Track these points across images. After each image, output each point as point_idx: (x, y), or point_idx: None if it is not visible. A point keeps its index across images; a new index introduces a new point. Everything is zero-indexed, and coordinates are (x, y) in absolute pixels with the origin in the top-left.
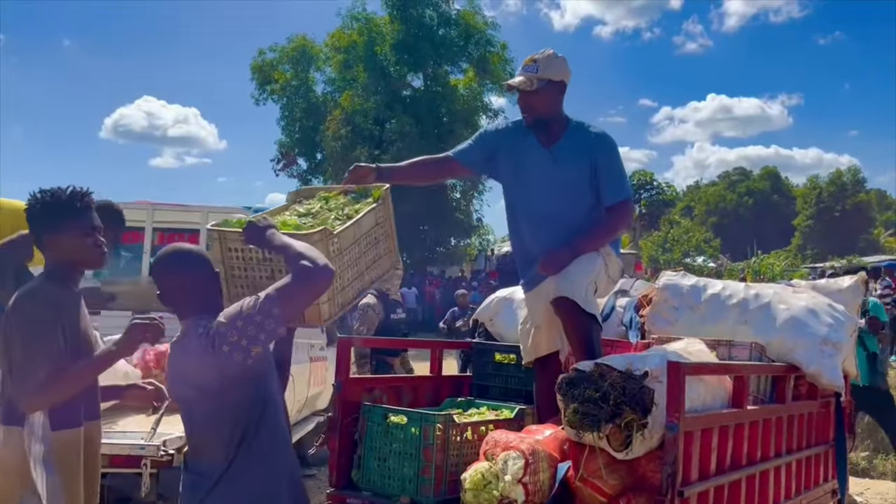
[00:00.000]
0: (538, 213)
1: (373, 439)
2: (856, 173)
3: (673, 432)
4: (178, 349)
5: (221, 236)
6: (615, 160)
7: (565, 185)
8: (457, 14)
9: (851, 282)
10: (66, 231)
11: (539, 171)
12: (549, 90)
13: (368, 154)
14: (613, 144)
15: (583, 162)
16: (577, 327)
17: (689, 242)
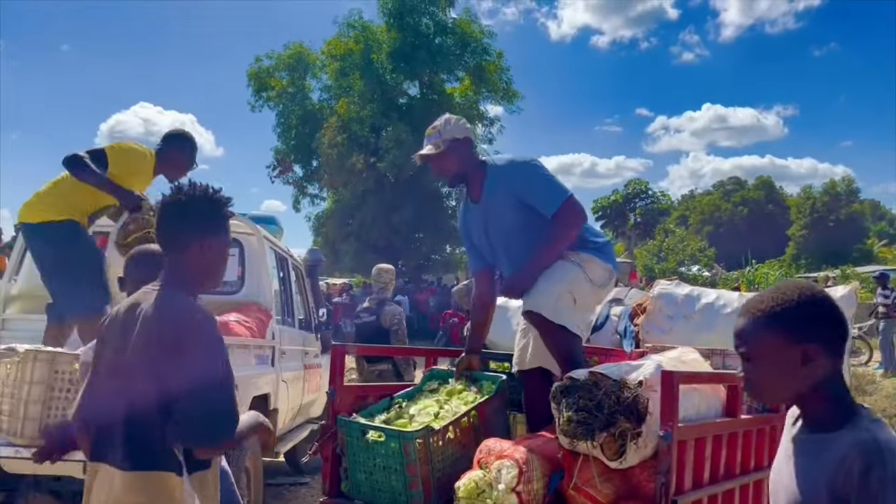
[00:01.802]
0: (505, 255)
1: (355, 453)
2: (850, 183)
3: (667, 441)
4: None
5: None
6: (532, 177)
7: (506, 224)
8: (453, 23)
9: (845, 292)
10: (223, 238)
11: (486, 225)
12: (455, 148)
13: (364, 162)
14: (523, 165)
15: (506, 198)
16: (552, 339)
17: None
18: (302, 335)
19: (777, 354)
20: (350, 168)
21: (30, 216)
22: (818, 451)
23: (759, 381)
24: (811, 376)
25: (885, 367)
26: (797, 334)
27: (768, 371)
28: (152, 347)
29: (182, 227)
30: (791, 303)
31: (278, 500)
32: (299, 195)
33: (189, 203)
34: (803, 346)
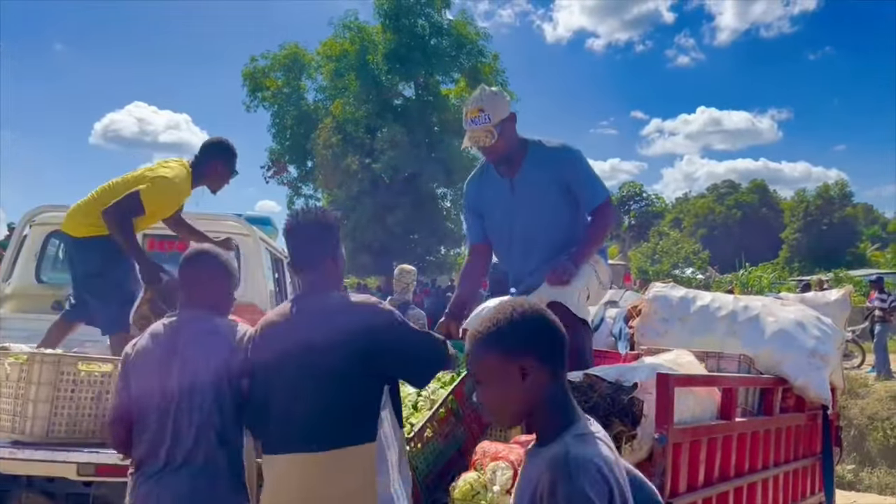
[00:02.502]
0: (523, 240)
1: None
2: (843, 187)
3: (662, 444)
4: None
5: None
6: (583, 168)
7: (540, 207)
8: (449, 24)
9: (839, 295)
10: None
11: (513, 203)
12: (505, 130)
13: (359, 163)
14: (576, 154)
15: (550, 181)
16: (571, 332)
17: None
18: None
19: (499, 373)
20: (345, 169)
21: (74, 229)
22: (529, 467)
23: (490, 403)
24: (534, 391)
25: (878, 371)
26: (512, 351)
27: (495, 391)
28: (359, 337)
29: (316, 248)
30: (504, 322)
31: None
32: (294, 196)
33: (313, 227)
34: (520, 362)
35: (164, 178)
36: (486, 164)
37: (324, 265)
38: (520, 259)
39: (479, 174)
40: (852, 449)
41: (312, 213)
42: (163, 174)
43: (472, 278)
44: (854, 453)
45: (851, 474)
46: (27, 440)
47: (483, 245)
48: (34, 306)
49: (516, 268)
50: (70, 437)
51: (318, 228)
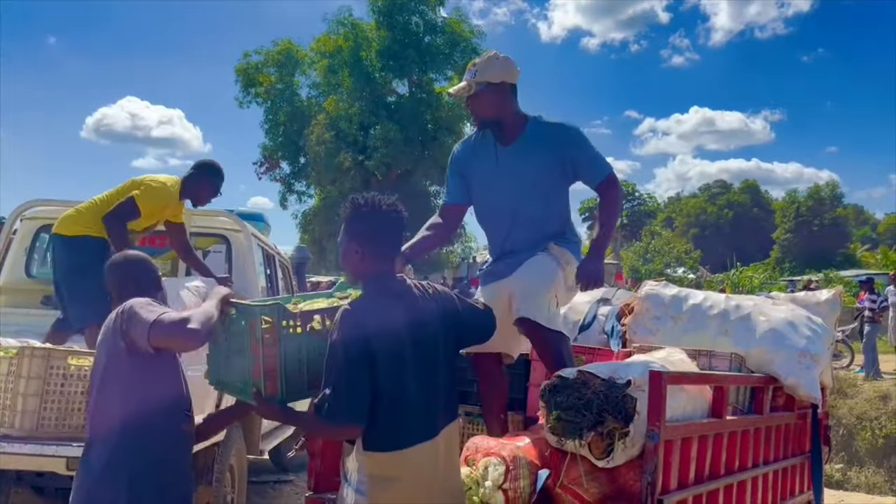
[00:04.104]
0: (510, 211)
1: (217, 335)
2: (834, 188)
3: (654, 441)
4: None
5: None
6: (586, 143)
7: (532, 180)
8: (443, 22)
9: (829, 295)
10: None
11: (503, 171)
12: (488, 92)
13: (352, 160)
14: (577, 130)
15: (548, 157)
16: (548, 344)
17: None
18: None
19: None
20: (338, 166)
21: (66, 229)
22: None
23: None
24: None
25: (867, 371)
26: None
27: None
28: (455, 318)
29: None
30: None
31: (262, 497)
32: (286, 192)
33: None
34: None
35: (155, 181)
36: (483, 132)
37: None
38: (501, 227)
39: (473, 138)
40: (841, 448)
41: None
42: (155, 178)
43: (438, 232)
44: (842, 453)
45: (840, 473)
46: (16, 434)
47: (457, 207)
48: (24, 301)
49: (496, 235)
50: (59, 432)
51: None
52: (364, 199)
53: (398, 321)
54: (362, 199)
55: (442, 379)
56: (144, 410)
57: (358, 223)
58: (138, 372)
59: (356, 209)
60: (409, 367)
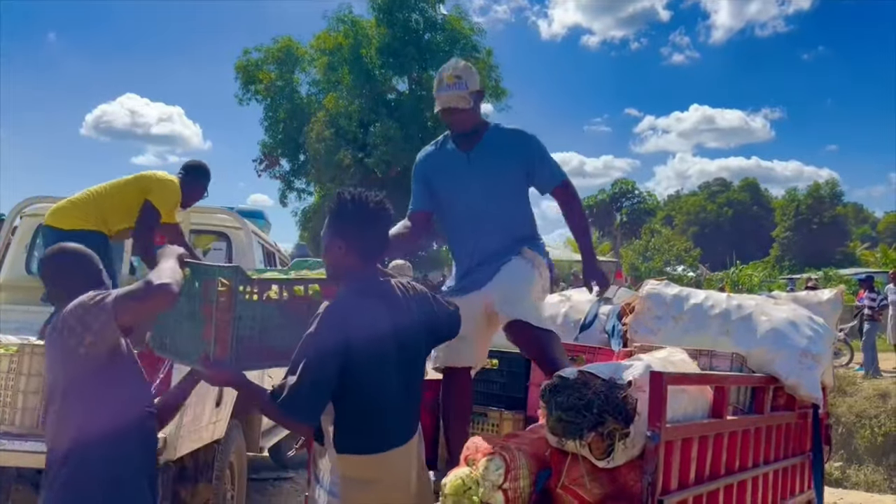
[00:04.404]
0: (477, 217)
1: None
2: (834, 187)
3: (654, 441)
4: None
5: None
6: (542, 149)
7: (499, 185)
8: (443, 19)
9: (831, 295)
10: None
11: (471, 176)
12: (477, 101)
13: (352, 157)
14: (534, 137)
15: (512, 161)
16: (542, 343)
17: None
18: None
19: None
20: (337, 163)
21: (61, 222)
22: None
23: None
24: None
25: (866, 369)
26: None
27: None
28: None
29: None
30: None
31: (262, 494)
32: (286, 189)
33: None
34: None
35: (166, 180)
36: (444, 138)
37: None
38: (468, 235)
39: (435, 146)
40: (840, 446)
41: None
42: (163, 177)
43: (406, 238)
44: (841, 451)
45: (839, 472)
46: (16, 431)
47: (424, 213)
48: (24, 298)
49: (463, 244)
50: None
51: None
52: (351, 194)
53: (380, 321)
54: (349, 194)
55: (418, 380)
56: (112, 419)
57: (344, 219)
58: (100, 377)
59: (343, 204)
60: (389, 368)
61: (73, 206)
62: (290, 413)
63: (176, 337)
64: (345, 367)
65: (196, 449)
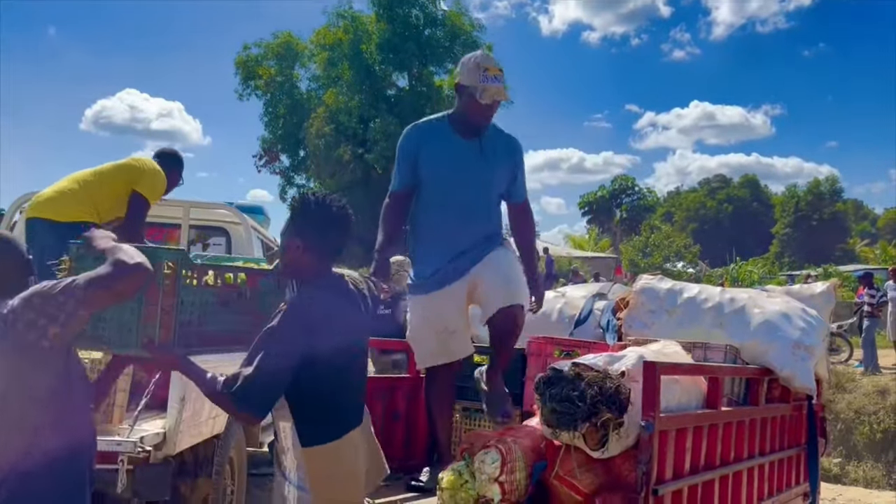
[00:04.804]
0: (468, 206)
1: None
2: (834, 183)
3: (648, 431)
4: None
5: None
6: (523, 162)
7: (491, 179)
8: (443, 15)
9: (824, 287)
10: None
11: (475, 166)
12: None
13: (352, 153)
14: (521, 147)
15: (504, 161)
16: (517, 323)
17: (669, 248)
18: None
19: None
20: (337, 159)
21: (56, 214)
22: None
23: None
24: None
25: (866, 366)
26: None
27: None
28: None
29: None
30: None
31: (262, 490)
32: (286, 185)
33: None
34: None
35: (152, 168)
36: (438, 122)
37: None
38: (457, 223)
39: (430, 127)
40: (839, 443)
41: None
42: (149, 165)
43: (394, 224)
44: (840, 447)
45: (838, 468)
46: None
47: (409, 192)
48: None
49: (448, 230)
50: None
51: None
52: (315, 196)
53: (339, 317)
54: (313, 196)
55: (366, 364)
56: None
57: (307, 220)
58: (58, 373)
59: (306, 206)
60: (346, 361)
61: (63, 197)
62: (241, 404)
63: (115, 326)
64: (306, 363)
65: (196, 444)
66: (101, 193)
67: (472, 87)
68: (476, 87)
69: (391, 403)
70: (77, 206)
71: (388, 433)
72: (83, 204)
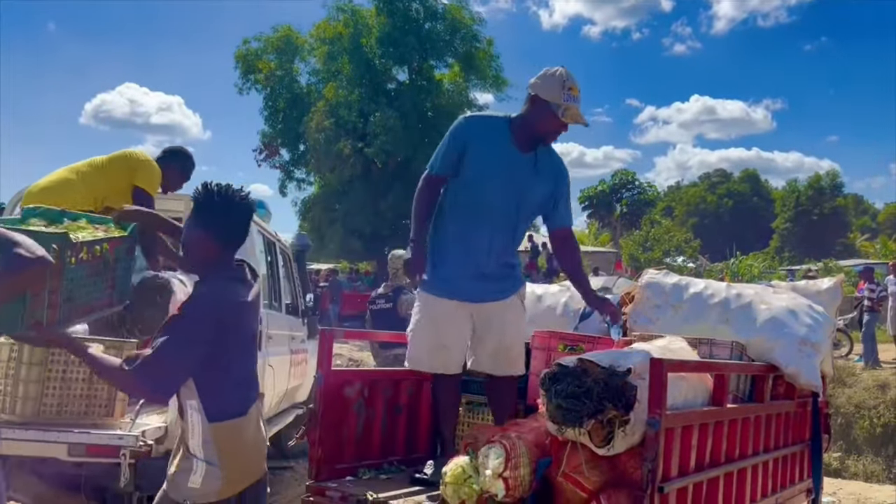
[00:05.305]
0: (501, 218)
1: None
2: (834, 178)
3: (654, 429)
4: None
5: None
6: (569, 185)
7: (536, 198)
8: (443, 8)
9: (830, 284)
10: None
11: (518, 178)
12: None
13: (352, 147)
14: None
15: (553, 182)
16: (510, 391)
17: (670, 242)
18: (288, 320)
19: None
20: (337, 153)
21: (51, 202)
22: None
23: None
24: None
25: (866, 360)
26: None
27: None
28: None
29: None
30: None
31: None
32: (286, 179)
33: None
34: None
35: (148, 162)
36: (501, 122)
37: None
38: (483, 233)
39: (488, 123)
40: (839, 437)
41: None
42: (145, 158)
43: (426, 208)
44: (840, 441)
45: (837, 462)
46: (17, 420)
47: (445, 179)
48: None
49: (475, 241)
50: (61, 418)
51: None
52: (218, 187)
53: (243, 303)
54: (216, 187)
55: (256, 347)
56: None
57: (209, 210)
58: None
59: (208, 195)
60: (247, 342)
61: (60, 186)
62: (147, 385)
63: (4, 310)
64: (214, 347)
65: None
66: (101, 184)
67: (554, 104)
68: (559, 105)
69: (394, 397)
70: (73, 196)
71: (391, 427)
72: (79, 193)
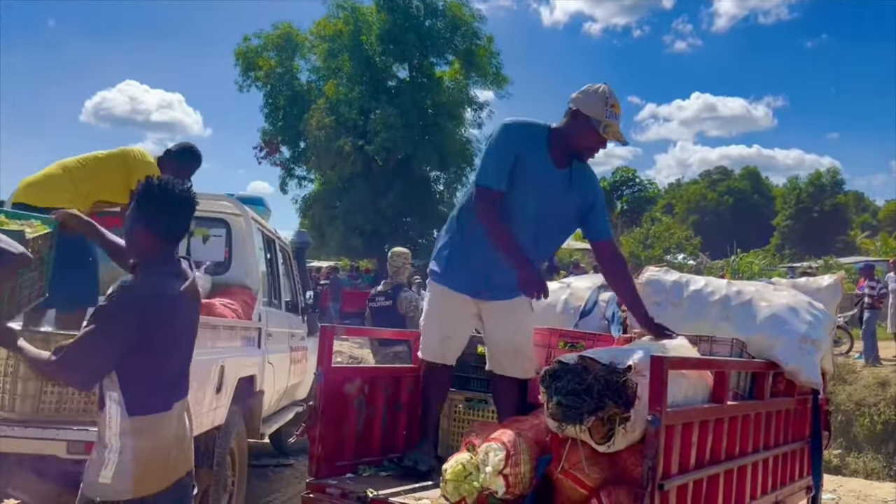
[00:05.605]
0: (528, 235)
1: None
2: (835, 175)
3: (655, 426)
4: None
5: None
6: (603, 196)
7: (566, 216)
8: (444, 5)
9: (831, 281)
10: None
11: (551, 196)
12: None
13: (352, 145)
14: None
15: (583, 196)
16: (515, 392)
17: (670, 240)
18: (288, 318)
19: None
20: (338, 151)
21: (33, 198)
22: None
23: None
24: None
25: (866, 358)
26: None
27: None
28: None
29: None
30: None
31: (263, 481)
32: (286, 177)
33: None
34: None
35: (145, 159)
36: (541, 133)
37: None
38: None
39: (532, 133)
40: (839, 434)
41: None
42: (142, 155)
43: (499, 224)
44: (840, 438)
45: (838, 459)
46: (16, 418)
47: (500, 193)
48: None
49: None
50: (59, 415)
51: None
52: (159, 181)
53: (175, 298)
54: (157, 181)
55: (192, 345)
56: None
57: (150, 204)
58: None
59: (149, 189)
60: (178, 339)
61: (48, 181)
62: (63, 370)
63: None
64: (138, 339)
65: (196, 435)
66: (91, 180)
67: (595, 120)
68: (601, 122)
69: (394, 395)
70: (57, 192)
71: (391, 424)
72: (64, 190)
